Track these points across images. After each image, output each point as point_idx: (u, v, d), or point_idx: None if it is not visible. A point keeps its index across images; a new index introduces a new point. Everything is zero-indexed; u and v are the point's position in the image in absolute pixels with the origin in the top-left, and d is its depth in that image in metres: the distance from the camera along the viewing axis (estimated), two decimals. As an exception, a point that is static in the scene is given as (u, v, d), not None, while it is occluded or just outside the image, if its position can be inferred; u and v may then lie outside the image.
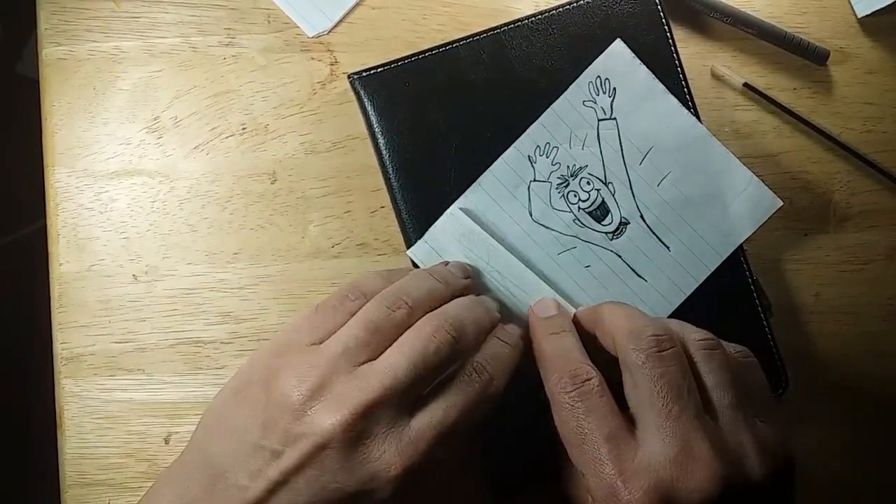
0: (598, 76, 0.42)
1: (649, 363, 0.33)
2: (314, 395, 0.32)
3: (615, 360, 0.35)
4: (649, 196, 0.42)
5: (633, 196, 0.42)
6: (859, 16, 0.48)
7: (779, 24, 0.47)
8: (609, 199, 0.42)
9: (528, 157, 0.42)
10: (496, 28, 0.43)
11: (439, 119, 0.43)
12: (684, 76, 0.43)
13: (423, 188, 0.42)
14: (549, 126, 0.42)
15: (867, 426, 0.45)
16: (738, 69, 0.47)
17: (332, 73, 0.46)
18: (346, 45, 0.47)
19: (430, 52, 0.43)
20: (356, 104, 0.43)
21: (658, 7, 0.43)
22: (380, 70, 0.43)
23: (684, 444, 0.31)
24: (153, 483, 0.34)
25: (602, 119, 0.42)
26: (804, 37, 0.47)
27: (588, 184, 0.42)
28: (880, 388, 0.45)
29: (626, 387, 0.34)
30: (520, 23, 0.43)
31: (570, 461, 0.34)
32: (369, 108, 0.43)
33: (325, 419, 0.31)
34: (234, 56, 0.46)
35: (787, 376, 0.43)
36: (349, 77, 0.43)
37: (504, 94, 0.43)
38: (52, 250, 0.45)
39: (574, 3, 0.43)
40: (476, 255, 0.41)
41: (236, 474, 0.32)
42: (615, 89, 0.42)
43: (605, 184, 0.42)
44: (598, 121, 0.42)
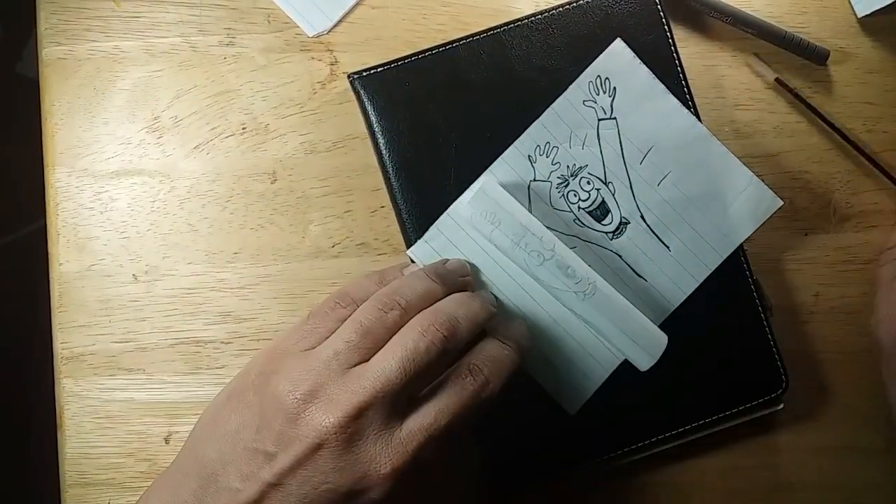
0: (599, 76, 0.42)
1: None
2: (307, 399, 0.33)
3: None
4: (649, 196, 0.42)
5: (634, 196, 0.42)
6: (859, 16, 0.48)
7: (779, 24, 0.47)
8: (609, 199, 0.42)
9: (528, 156, 0.42)
10: (496, 28, 0.43)
11: (439, 119, 0.43)
12: (684, 76, 0.43)
13: (423, 188, 0.42)
14: (550, 126, 0.42)
15: (867, 426, 0.45)
16: (739, 68, 0.47)
17: (332, 73, 0.46)
18: (346, 45, 0.47)
19: (430, 52, 0.43)
20: (356, 104, 0.43)
21: (658, 7, 0.43)
22: (380, 70, 0.43)
23: None
24: (149, 486, 0.34)
25: (602, 119, 0.42)
26: (804, 37, 0.47)
27: (588, 183, 0.42)
28: (880, 389, 0.45)
29: None
30: (520, 22, 0.43)
31: None
32: (369, 107, 0.43)
33: (318, 421, 0.32)
34: (234, 56, 0.46)
35: (788, 376, 0.43)
36: (349, 77, 0.43)
37: (504, 93, 0.43)
38: (52, 250, 0.45)
39: (574, 3, 0.43)
40: (475, 255, 0.41)
41: (228, 477, 0.32)
42: (615, 89, 0.42)
43: (605, 183, 0.42)
44: (599, 120, 0.42)
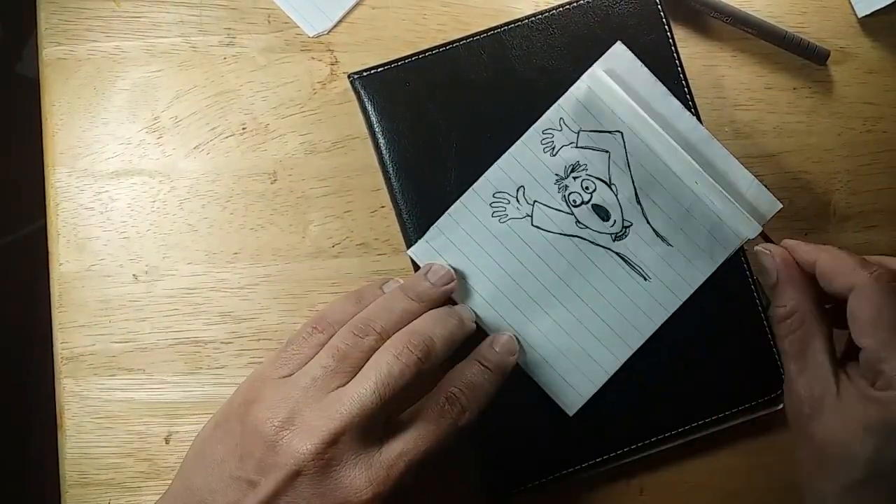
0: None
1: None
2: (285, 426, 0.34)
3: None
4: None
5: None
6: (859, 16, 0.48)
7: (779, 24, 0.47)
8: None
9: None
10: (496, 28, 0.43)
11: (439, 119, 0.43)
12: (685, 76, 0.43)
13: (423, 188, 0.42)
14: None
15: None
16: (739, 68, 0.47)
17: (332, 73, 0.46)
18: (346, 45, 0.47)
19: (430, 52, 0.43)
20: (356, 104, 0.43)
21: (658, 7, 0.43)
22: (380, 70, 0.43)
23: None
24: None
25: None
26: (804, 37, 0.47)
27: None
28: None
29: (858, 313, 0.35)
30: (520, 22, 0.43)
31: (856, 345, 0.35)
32: (369, 107, 0.43)
33: (296, 448, 0.33)
34: (234, 56, 0.46)
35: (788, 376, 0.43)
36: (349, 77, 0.43)
37: (504, 93, 0.43)
38: (53, 250, 0.45)
39: (574, 3, 0.43)
40: (474, 255, 0.41)
41: None
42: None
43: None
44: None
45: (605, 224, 0.42)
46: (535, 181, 0.42)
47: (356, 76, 0.43)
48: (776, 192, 0.42)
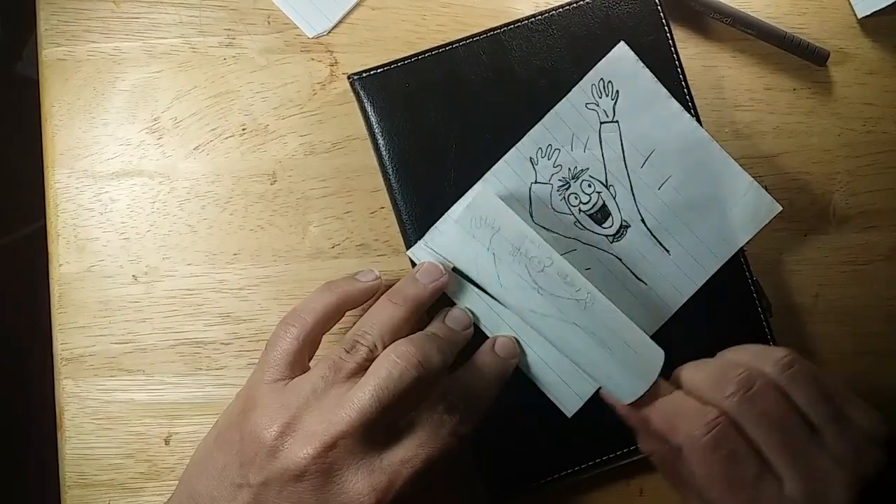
0: (601, 79, 0.42)
1: (746, 405, 0.34)
2: (285, 432, 0.34)
3: None
4: (650, 199, 0.42)
5: (634, 199, 0.42)
6: (859, 16, 0.48)
7: (779, 25, 0.47)
8: (610, 202, 0.42)
9: (530, 158, 0.42)
10: (496, 28, 0.43)
11: (439, 119, 0.43)
12: (684, 77, 0.43)
13: (423, 189, 0.42)
14: (551, 128, 0.42)
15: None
16: (739, 69, 0.47)
17: (332, 74, 0.46)
18: (345, 46, 0.47)
19: (429, 53, 0.43)
20: (356, 105, 0.43)
21: (658, 8, 0.43)
22: (380, 71, 0.43)
23: (816, 474, 0.33)
24: None
25: (604, 122, 0.42)
26: (804, 37, 0.47)
27: (589, 186, 0.42)
28: (880, 389, 0.45)
29: (689, 474, 0.35)
30: (520, 23, 0.43)
31: None
32: (369, 108, 0.43)
33: (296, 453, 0.33)
34: (234, 57, 0.46)
35: (787, 377, 0.43)
36: (349, 78, 0.43)
37: (504, 94, 0.43)
38: (52, 251, 0.45)
39: (574, 4, 0.43)
40: (474, 256, 0.41)
41: None
42: (618, 92, 0.42)
43: (607, 186, 0.42)
44: (601, 123, 0.42)
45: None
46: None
47: (356, 77, 0.43)
48: (776, 192, 0.42)
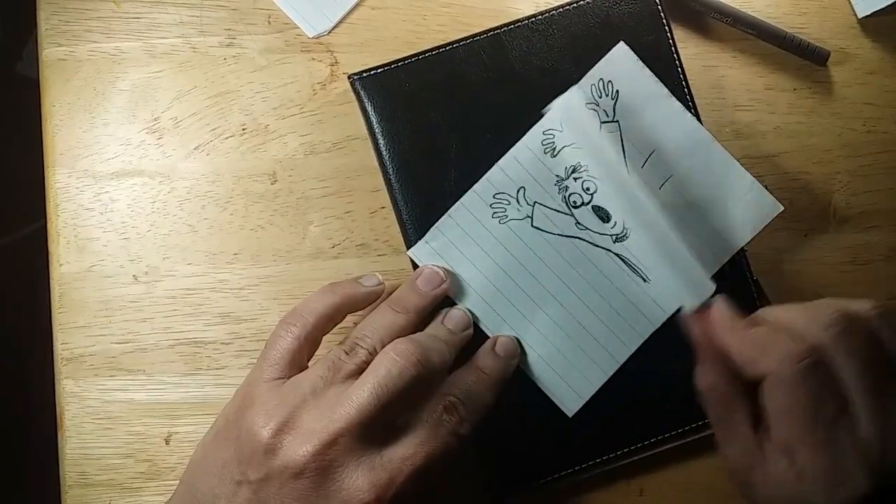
0: (601, 78, 0.42)
1: (841, 341, 0.32)
2: (284, 430, 0.34)
3: None
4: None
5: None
6: (860, 16, 0.48)
7: (779, 25, 0.47)
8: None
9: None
10: (496, 28, 0.43)
11: (439, 119, 0.43)
12: (685, 77, 0.43)
13: (423, 188, 0.42)
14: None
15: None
16: (739, 69, 0.47)
17: (332, 74, 0.46)
18: (346, 46, 0.47)
19: (430, 53, 0.43)
20: (356, 105, 0.43)
21: (658, 7, 0.43)
22: (380, 71, 0.43)
23: (893, 424, 0.31)
24: None
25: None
26: (804, 37, 0.47)
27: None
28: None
29: (770, 403, 0.33)
30: (520, 23, 0.43)
31: (773, 440, 0.33)
32: (369, 108, 0.43)
33: (295, 450, 0.33)
34: (234, 56, 0.46)
35: (788, 377, 0.43)
36: (349, 78, 0.43)
37: (504, 94, 0.43)
38: (53, 251, 0.45)
39: (574, 4, 0.43)
40: (474, 256, 0.41)
41: None
42: (618, 92, 0.42)
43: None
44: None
45: (606, 225, 0.42)
46: (536, 182, 0.42)
47: (356, 77, 0.43)
48: (776, 192, 0.42)
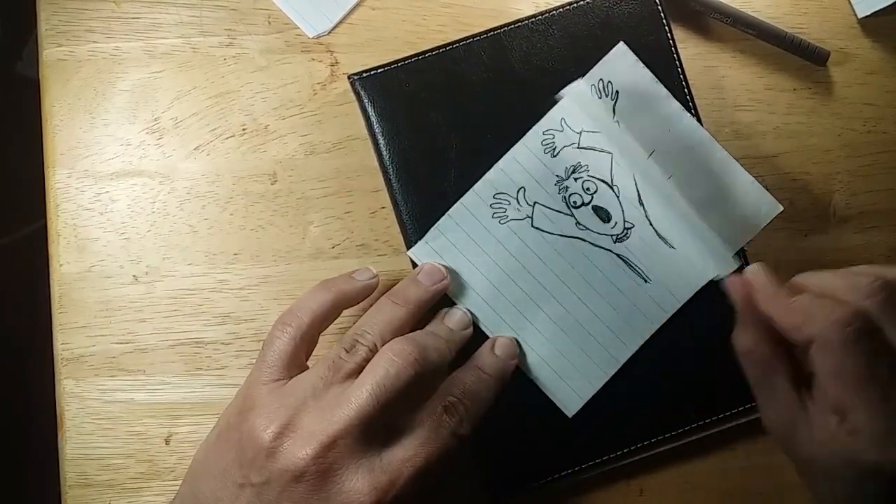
0: (601, 79, 0.42)
1: (889, 307, 0.32)
2: (284, 432, 0.34)
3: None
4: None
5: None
6: (860, 16, 0.48)
7: (779, 25, 0.47)
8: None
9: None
10: (496, 29, 0.43)
11: (439, 119, 0.43)
12: (685, 77, 0.43)
13: (423, 189, 0.42)
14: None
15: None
16: (739, 69, 0.47)
17: (332, 74, 0.46)
18: (346, 46, 0.47)
19: (430, 53, 0.43)
20: (356, 105, 0.43)
21: (659, 8, 0.43)
22: (380, 71, 0.43)
23: None
24: None
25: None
26: (804, 37, 0.47)
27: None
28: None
29: (820, 367, 0.33)
30: (520, 23, 0.43)
31: (824, 403, 0.33)
32: (369, 108, 0.43)
33: (295, 453, 0.33)
34: (234, 57, 0.46)
35: (788, 377, 0.43)
36: (349, 78, 0.43)
37: (504, 94, 0.43)
38: (53, 251, 0.45)
39: (574, 4, 0.43)
40: (474, 256, 0.41)
41: None
42: (618, 92, 0.42)
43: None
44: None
45: (606, 226, 0.42)
46: (536, 182, 0.42)
47: (356, 77, 0.43)
48: (776, 192, 0.42)
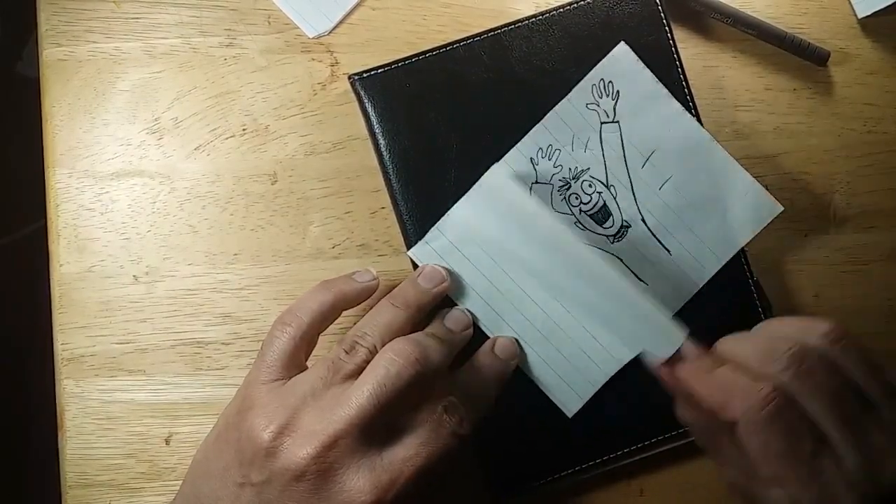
0: (602, 79, 0.42)
1: (801, 380, 0.33)
2: (284, 432, 0.34)
3: None
4: (651, 199, 0.42)
5: (635, 199, 0.42)
6: (860, 16, 0.48)
7: (779, 25, 0.47)
8: (611, 202, 0.42)
9: (531, 158, 0.42)
10: (497, 29, 0.43)
11: (439, 119, 0.43)
12: (685, 77, 0.43)
13: (423, 189, 0.42)
14: (552, 128, 0.42)
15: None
16: (739, 69, 0.47)
17: (332, 74, 0.46)
18: (346, 46, 0.47)
19: (430, 53, 0.43)
20: (356, 105, 0.43)
21: (659, 8, 0.43)
22: (380, 71, 0.43)
23: (874, 448, 0.32)
24: None
25: (605, 122, 0.42)
26: (804, 37, 0.47)
27: (590, 186, 0.42)
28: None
29: (746, 446, 0.33)
30: (520, 24, 0.43)
31: (753, 480, 0.33)
32: (370, 108, 0.43)
33: (295, 453, 0.33)
34: (234, 57, 0.46)
35: (788, 377, 0.43)
36: (350, 78, 0.43)
37: (504, 94, 0.43)
38: (53, 251, 0.45)
39: (575, 4, 0.43)
40: (475, 256, 0.41)
41: None
42: (618, 92, 0.42)
43: (607, 187, 0.42)
44: (601, 124, 0.42)
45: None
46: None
47: (356, 77, 0.43)
48: (776, 192, 0.42)
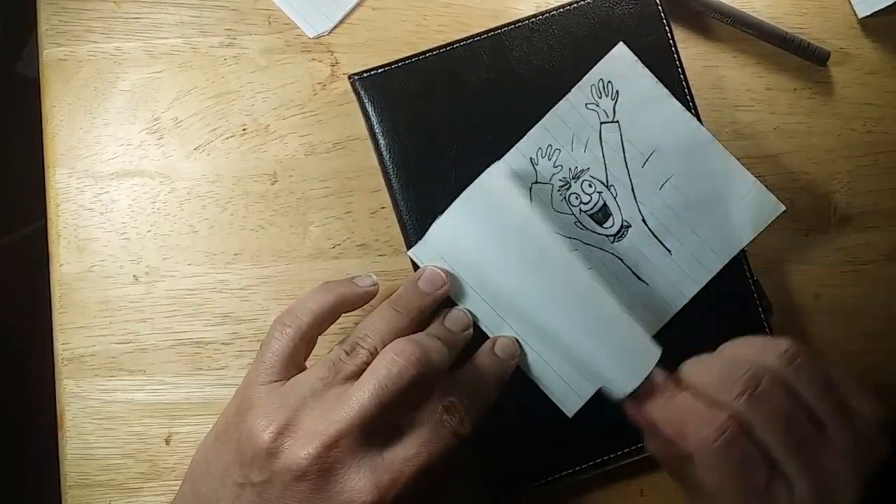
0: (601, 79, 0.42)
1: (754, 406, 0.34)
2: (285, 432, 0.34)
3: None
4: (651, 199, 0.42)
5: (635, 199, 0.42)
6: (860, 16, 0.48)
7: (779, 25, 0.47)
8: (611, 202, 0.42)
9: (530, 159, 0.42)
10: (497, 29, 0.43)
11: (439, 120, 0.43)
12: (685, 77, 0.43)
13: (423, 189, 0.42)
14: (552, 128, 0.42)
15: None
16: (739, 69, 0.47)
17: (332, 74, 0.46)
18: (346, 46, 0.47)
19: (430, 53, 0.43)
20: (357, 105, 0.43)
21: (659, 8, 0.43)
22: (380, 71, 0.43)
23: (824, 474, 0.33)
24: None
25: (604, 122, 0.42)
26: (805, 37, 0.47)
27: (590, 186, 0.42)
28: (881, 389, 0.45)
29: (701, 481, 0.34)
30: (520, 24, 0.43)
31: None
32: (370, 108, 0.43)
33: (296, 453, 0.33)
34: (234, 57, 0.46)
35: (788, 377, 0.43)
36: (350, 78, 0.43)
37: (504, 95, 0.43)
38: (53, 251, 0.45)
39: (575, 4, 0.43)
40: (474, 256, 0.41)
41: None
42: (618, 92, 0.42)
43: (607, 186, 0.42)
44: (601, 123, 0.42)
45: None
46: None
47: (356, 77, 0.43)
48: (776, 192, 0.42)
